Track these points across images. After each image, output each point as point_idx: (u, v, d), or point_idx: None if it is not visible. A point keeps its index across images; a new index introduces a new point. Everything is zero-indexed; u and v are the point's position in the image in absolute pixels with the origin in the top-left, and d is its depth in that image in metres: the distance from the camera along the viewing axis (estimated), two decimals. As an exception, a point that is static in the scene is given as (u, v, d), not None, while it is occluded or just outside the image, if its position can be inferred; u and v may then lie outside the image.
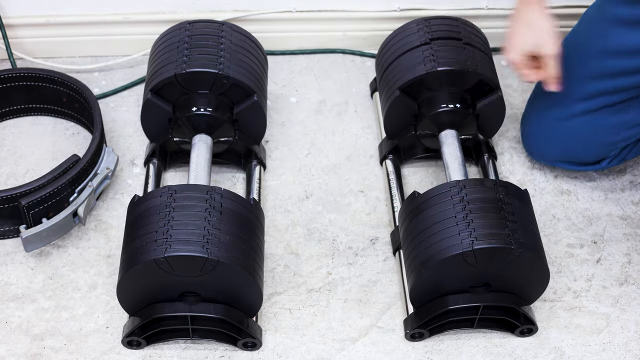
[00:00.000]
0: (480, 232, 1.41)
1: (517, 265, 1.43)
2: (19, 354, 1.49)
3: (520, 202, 1.48)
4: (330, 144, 1.85)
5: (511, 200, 1.46)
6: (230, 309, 1.45)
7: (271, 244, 1.66)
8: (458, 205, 1.45)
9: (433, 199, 1.48)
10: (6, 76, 1.79)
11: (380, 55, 1.80)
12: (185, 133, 1.70)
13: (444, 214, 1.45)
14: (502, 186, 1.48)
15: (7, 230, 1.64)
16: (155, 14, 1.97)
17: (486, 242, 1.40)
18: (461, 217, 1.43)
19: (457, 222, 1.43)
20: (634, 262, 1.66)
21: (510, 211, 1.45)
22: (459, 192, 1.47)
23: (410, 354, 1.51)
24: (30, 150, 1.81)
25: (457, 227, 1.42)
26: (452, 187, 1.48)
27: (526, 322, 1.51)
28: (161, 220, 1.40)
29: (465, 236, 1.41)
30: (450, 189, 1.48)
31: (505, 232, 1.41)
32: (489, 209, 1.44)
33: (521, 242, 1.41)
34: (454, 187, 1.48)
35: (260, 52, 1.76)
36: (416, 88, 1.69)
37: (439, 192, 1.48)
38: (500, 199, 1.46)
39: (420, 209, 1.49)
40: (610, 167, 1.76)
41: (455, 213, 1.44)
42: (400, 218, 1.55)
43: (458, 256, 1.40)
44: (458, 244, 1.41)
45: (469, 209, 1.44)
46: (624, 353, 1.52)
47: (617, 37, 1.58)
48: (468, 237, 1.40)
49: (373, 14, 2.01)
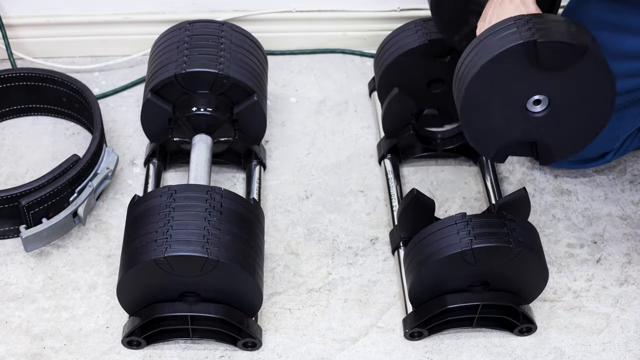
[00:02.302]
0: (479, 231, 1.41)
1: (516, 264, 1.43)
2: (19, 354, 1.49)
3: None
4: (330, 144, 1.85)
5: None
6: (230, 309, 1.45)
7: (271, 244, 1.66)
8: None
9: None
10: (6, 76, 1.79)
11: (378, 55, 1.80)
12: (185, 133, 1.70)
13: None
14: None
15: (7, 230, 1.64)
16: (155, 14, 1.98)
17: (485, 241, 1.40)
18: (459, 215, 1.44)
19: (456, 221, 1.43)
20: (634, 262, 1.66)
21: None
22: None
23: (410, 354, 1.51)
24: (30, 150, 1.81)
25: (456, 225, 1.42)
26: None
27: (525, 321, 1.51)
28: (161, 220, 1.40)
29: (464, 235, 1.41)
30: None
31: (503, 230, 1.41)
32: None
33: (520, 240, 1.41)
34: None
35: (260, 52, 1.76)
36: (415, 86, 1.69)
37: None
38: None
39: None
40: (616, 159, 1.76)
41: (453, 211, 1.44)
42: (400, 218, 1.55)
43: (457, 255, 1.40)
44: (457, 243, 1.41)
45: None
46: (624, 353, 1.52)
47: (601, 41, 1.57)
48: (467, 236, 1.40)
49: (373, 14, 2.01)
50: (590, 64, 1.29)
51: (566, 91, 1.32)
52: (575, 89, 1.32)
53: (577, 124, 1.36)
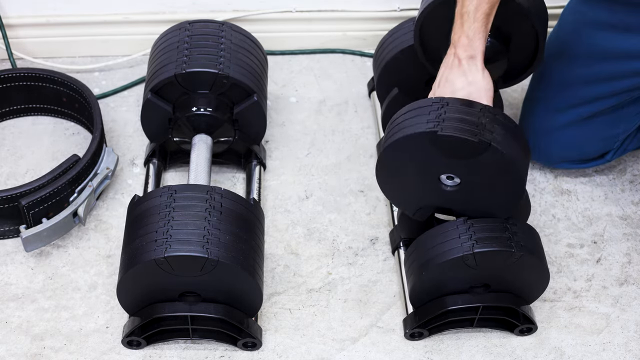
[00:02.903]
0: (481, 235, 1.40)
1: (517, 267, 1.43)
2: (19, 354, 1.49)
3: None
4: (330, 143, 1.85)
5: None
6: (230, 309, 1.45)
7: (271, 244, 1.66)
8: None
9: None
10: (6, 76, 1.79)
11: (377, 54, 1.80)
12: (185, 133, 1.70)
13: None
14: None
15: (7, 230, 1.64)
16: (155, 14, 1.98)
17: (487, 245, 1.40)
18: (461, 219, 1.43)
19: (458, 224, 1.43)
20: (634, 262, 1.66)
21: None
22: None
23: (410, 354, 1.51)
24: (30, 150, 1.81)
25: (458, 229, 1.42)
26: None
27: (525, 322, 1.51)
28: (161, 220, 1.40)
29: (466, 239, 1.41)
30: None
31: (505, 235, 1.41)
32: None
33: (521, 245, 1.41)
34: None
35: (260, 52, 1.76)
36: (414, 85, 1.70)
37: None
38: None
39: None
40: (615, 158, 1.76)
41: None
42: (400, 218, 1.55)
43: (458, 259, 1.40)
44: (458, 247, 1.40)
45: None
46: (624, 353, 1.52)
47: (600, 41, 1.58)
48: (468, 240, 1.40)
49: (373, 14, 2.01)
50: (493, 160, 1.34)
51: (474, 176, 1.38)
52: (483, 177, 1.37)
53: (488, 202, 1.41)
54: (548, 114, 1.70)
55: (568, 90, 1.64)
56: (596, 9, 1.57)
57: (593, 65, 1.60)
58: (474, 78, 1.42)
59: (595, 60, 1.60)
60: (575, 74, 1.63)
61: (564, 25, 1.65)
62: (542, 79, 1.70)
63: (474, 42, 1.41)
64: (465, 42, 1.42)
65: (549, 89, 1.68)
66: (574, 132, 1.69)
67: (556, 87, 1.65)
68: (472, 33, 1.41)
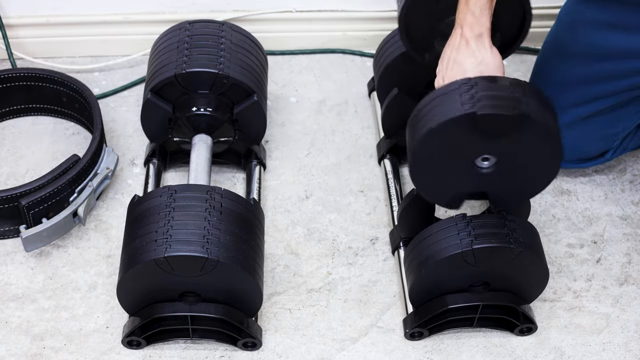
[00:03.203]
0: (480, 232, 1.41)
1: (517, 264, 1.43)
2: (19, 354, 1.49)
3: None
4: (330, 144, 1.85)
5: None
6: (230, 309, 1.45)
7: (271, 244, 1.66)
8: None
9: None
10: (6, 76, 1.79)
11: (378, 54, 1.80)
12: (185, 133, 1.70)
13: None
14: None
15: (7, 230, 1.64)
16: (155, 14, 1.98)
17: (485, 241, 1.40)
18: (459, 216, 1.43)
19: (456, 221, 1.43)
20: (634, 262, 1.66)
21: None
22: None
23: (410, 354, 1.51)
24: (30, 150, 1.81)
25: (457, 226, 1.42)
26: None
27: (525, 321, 1.51)
28: (161, 220, 1.40)
29: (465, 235, 1.41)
30: None
31: (504, 231, 1.41)
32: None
33: (520, 241, 1.41)
34: None
35: (260, 52, 1.76)
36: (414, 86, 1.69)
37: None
38: None
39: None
40: (616, 157, 1.76)
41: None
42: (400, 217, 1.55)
43: (457, 256, 1.40)
44: (457, 244, 1.41)
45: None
46: (624, 353, 1.52)
47: (598, 40, 1.58)
48: (467, 237, 1.40)
49: (373, 14, 2.01)
50: (533, 131, 1.31)
51: (512, 152, 1.35)
52: (521, 152, 1.34)
53: (526, 178, 1.39)
54: None
55: (567, 90, 1.64)
56: (594, 9, 1.57)
57: (592, 64, 1.60)
58: (484, 57, 1.40)
59: (594, 60, 1.60)
60: (574, 73, 1.63)
61: (561, 24, 1.65)
62: (540, 79, 1.70)
63: (481, 19, 1.39)
64: (471, 20, 1.39)
65: (547, 89, 1.68)
66: (574, 132, 1.69)
67: (555, 87, 1.65)
68: (479, 10, 1.38)
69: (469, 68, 1.39)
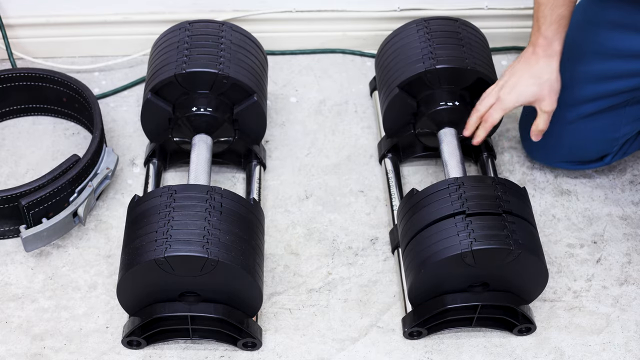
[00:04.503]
0: (479, 233, 1.41)
1: (516, 265, 1.43)
2: (19, 354, 1.49)
3: (519, 199, 1.48)
4: (330, 144, 1.85)
5: (509, 198, 1.47)
6: (230, 309, 1.46)
7: (271, 244, 1.66)
8: (456, 202, 1.45)
9: (431, 197, 1.48)
10: (6, 76, 1.79)
11: (379, 54, 1.80)
12: (185, 133, 1.70)
13: (442, 212, 1.45)
14: (501, 184, 1.48)
15: (7, 230, 1.64)
16: (155, 14, 1.98)
17: (485, 242, 1.40)
18: (460, 216, 1.43)
19: (456, 222, 1.43)
20: (634, 262, 1.66)
21: (508, 209, 1.45)
22: (457, 189, 1.47)
23: (410, 354, 1.51)
24: (30, 150, 1.81)
25: (456, 227, 1.42)
26: (451, 185, 1.48)
27: (524, 321, 1.51)
28: (161, 220, 1.40)
29: (464, 236, 1.41)
30: (448, 186, 1.48)
31: (504, 232, 1.41)
32: (488, 206, 1.44)
33: (520, 242, 1.41)
34: (452, 184, 1.48)
35: (260, 52, 1.76)
36: (415, 86, 1.69)
37: (437, 189, 1.48)
38: (499, 197, 1.46)
39: (419, 206, 1.49)
40: (614, 161, 1.76)
41: (453, 210, 1.44)
42: (399, 216, 1.55)
43: (457, 256, 1.40)
44: (457, 245, 1.41)
45: (467, 206, 1.44)
46: (624, 353, 1.52)
47: (610, 40, 1.58)
48: (467, 238, 1.40)
49: (373, 14, 2.01)
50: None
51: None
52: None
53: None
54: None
55: (571, 89, 1.64)
56: (607, 9, 1.57)
57: (599, 63, 1.61)
58: (549, 78, 1.54)
59: (602, 59, 1.60)
60: (580, 71, 1.63)
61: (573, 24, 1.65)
62: None
63: (553, 43, 1.52)
64: (543, 43, 1.52)
65: None
66: (575, 132, 1.69)
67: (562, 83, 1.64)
68: (551, 34, 1.51)
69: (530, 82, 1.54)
